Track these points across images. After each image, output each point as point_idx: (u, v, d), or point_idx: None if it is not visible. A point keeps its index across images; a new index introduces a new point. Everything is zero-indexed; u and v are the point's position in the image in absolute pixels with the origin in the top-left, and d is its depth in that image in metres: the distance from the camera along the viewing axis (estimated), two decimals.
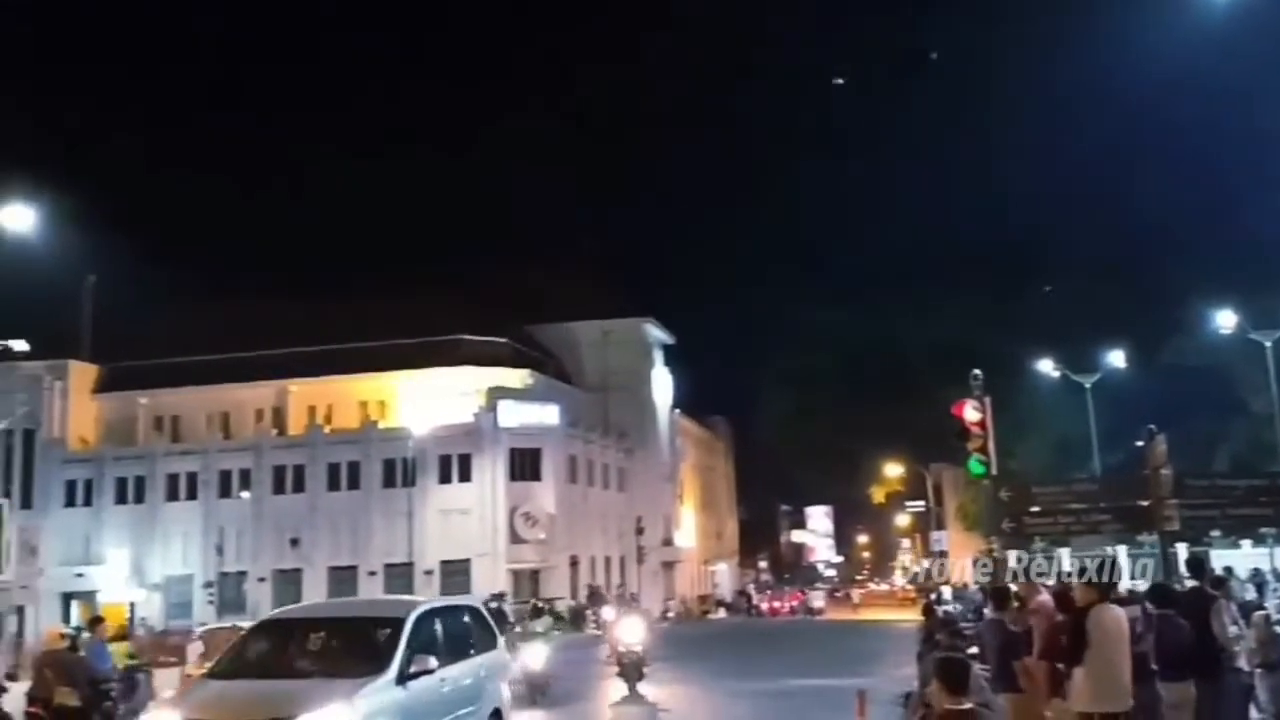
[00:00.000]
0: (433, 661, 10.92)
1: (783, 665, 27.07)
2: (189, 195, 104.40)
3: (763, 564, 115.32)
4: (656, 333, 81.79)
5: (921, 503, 72.60)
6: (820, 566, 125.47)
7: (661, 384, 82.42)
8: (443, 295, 66.43)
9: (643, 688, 19.48)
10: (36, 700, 14.24)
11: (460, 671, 11.88)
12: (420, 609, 11.75)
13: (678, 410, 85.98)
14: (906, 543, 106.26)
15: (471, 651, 12.55)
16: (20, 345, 27.05)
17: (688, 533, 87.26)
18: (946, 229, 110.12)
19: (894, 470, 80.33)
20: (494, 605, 26.33)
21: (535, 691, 20.58)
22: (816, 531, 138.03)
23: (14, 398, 59.20)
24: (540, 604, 27.68)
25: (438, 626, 11.80)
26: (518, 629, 22.24)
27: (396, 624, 11.18)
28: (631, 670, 19.21)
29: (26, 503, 62.76)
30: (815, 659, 23.71)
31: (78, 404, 69.29)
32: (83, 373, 69.47)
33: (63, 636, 15.37)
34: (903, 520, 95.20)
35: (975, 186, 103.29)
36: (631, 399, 77.11)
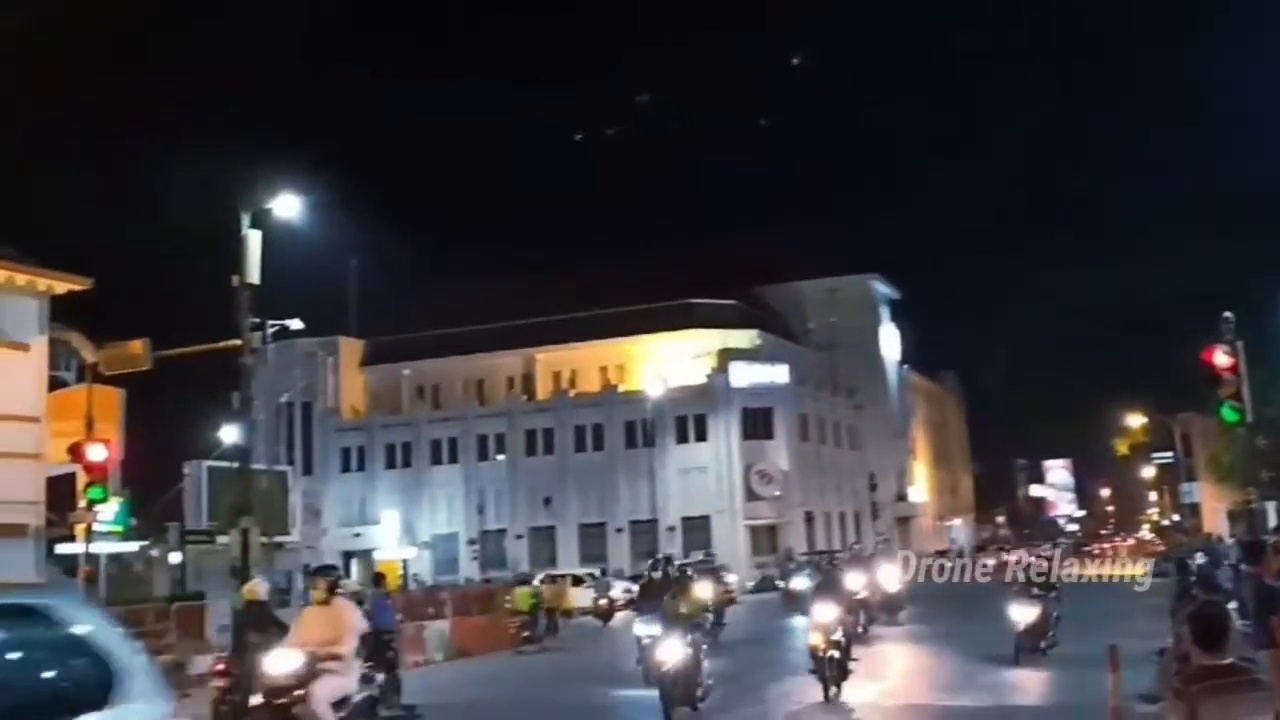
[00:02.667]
0: None
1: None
2: (438, 178, 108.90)
3: (1000, 519, 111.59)
4: (883, 288, 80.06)
5: (1169, 453, 68.26)
6: (1061, 521, 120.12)
7: (889, 340, 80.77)
8: (673, 260, 67.29)
9: (848, 690, 14.71)
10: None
11: None
12: None
13: (906, 366, 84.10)
14: (1153, 495, 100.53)
15: None
16: (296, 324, 28.83)
17: (921, 488, 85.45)
18: (1190, 171, 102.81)
19: (1137, 420, 75.83)
20: (656, 575, 19.12)
21: (672, 705, 13.61)
22: (1055, 485, 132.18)
23: (292, 373, 63.36)
24: (687, 568, 19.81)
25: None
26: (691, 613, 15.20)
27: None
28: (828, 668, 14.42)
29: (308, 469, 67.37)
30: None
31: (348, 376, 73.81)
32: (351, 347, 73.86)
33: (356, 595, 16.37)
34: (1148, 472, 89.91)
35: (1217, 126, 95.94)
36: (859, 356, 75.95)
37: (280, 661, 10.23)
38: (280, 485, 40.67)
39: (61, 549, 29.72)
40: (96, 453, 23.67)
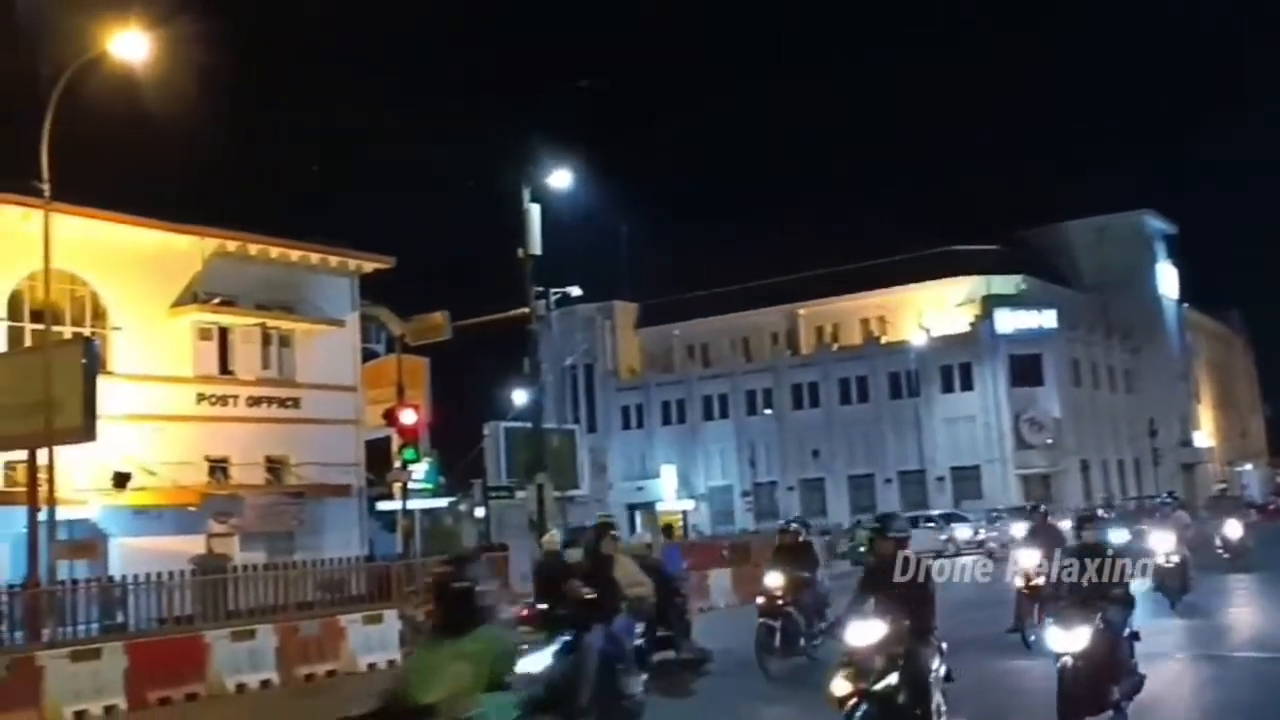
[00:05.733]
0: None
1: None
2: (700, 142, 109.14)
3: None
4: (1157, 224, 73.73)
5: None
6: None
7: (1166, 278, 74.45)
8: (933, 207, 64.64)
9: None
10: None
11: None
12: None
13: (1186, 304, 77.34)
14: None
15: None
16: (575, 291, 29.40)
17: (1206, 433, 78.64)
18: None
19: None
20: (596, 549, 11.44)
21: None
22: None
23: (574, 337, 65.30)
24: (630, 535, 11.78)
25: None
26: None
27: None
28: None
29: (592, 427, 69.13)
30: None
31: (624, 338, 75.15)
32: (625, 311, 75.09)
33: (648, 546, 16.49)
34: None
35: None
36: (1133, 296, 70.53)
37: None
38: (569, 443, 41.70)
39: (381, 506, 31.70)
40: (408, 417, 24.90)
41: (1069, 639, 8.77)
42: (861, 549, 37.22)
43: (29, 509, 18.81)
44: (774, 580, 14.30)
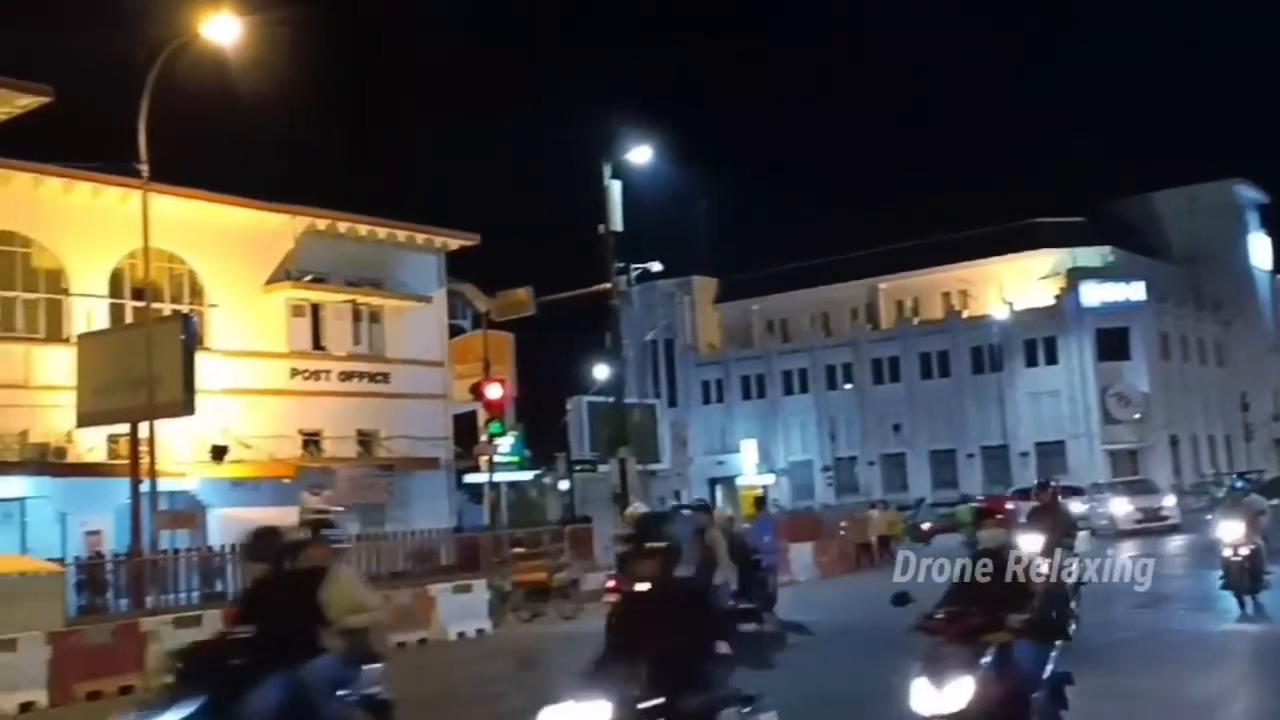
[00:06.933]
0: None
1: None
2: (780, 116, 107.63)
3: None
4: (1250, 193, 70.78)
5: None
6: None
7: (1259, 248, 71.59)
8: (1016, 179, 62.89)
9: None
10: (702, 568, 14.96)
11: None
12: None
13: (1279, 275, 74.32)
14: None
15: None
16: (655, 267, 29.21)
17: None
18: None
19: None
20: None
21: None
22: None
23: (654, 313, 64.98)
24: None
25: None
26: None
27: None
28: None
29: (673, 402, 68.82)
30: None
31: (703, 313, 74.57)
32: (705, 286, 74.45)
33: (730, 519, 16.25)
34: None
35: None
36: (1225, 268, 67.93)
37: None
38: (650, 417, 41.59)
39: (469, 478, 31.93)
40: (494, 391, 24.98)
41: (938, 697, 5.71)
42: (925, 525, 36.02)
43: (131, 481, 19.23)
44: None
